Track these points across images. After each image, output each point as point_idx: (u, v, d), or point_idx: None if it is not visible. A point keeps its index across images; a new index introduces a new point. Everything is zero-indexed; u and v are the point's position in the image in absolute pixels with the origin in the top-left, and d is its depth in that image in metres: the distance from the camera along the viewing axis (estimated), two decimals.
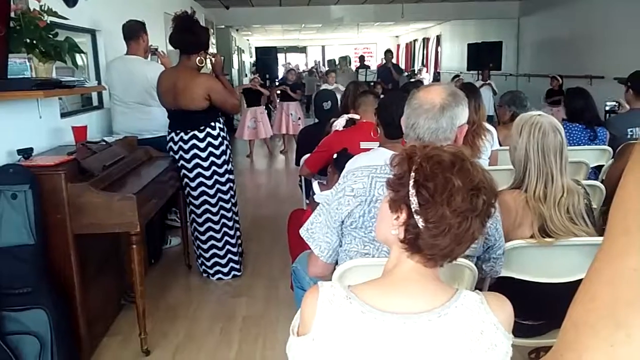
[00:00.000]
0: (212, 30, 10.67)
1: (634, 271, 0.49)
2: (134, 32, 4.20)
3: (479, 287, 1.76)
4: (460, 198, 1.11)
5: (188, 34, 3.53)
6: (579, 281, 0.54)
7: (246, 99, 9.02)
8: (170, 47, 4.00)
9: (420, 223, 1.13)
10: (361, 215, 1.61)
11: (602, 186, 2.75)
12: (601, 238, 0.54)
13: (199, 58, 3.58)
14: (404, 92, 2.82)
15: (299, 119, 9.30)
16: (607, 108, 5.21)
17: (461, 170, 1.13)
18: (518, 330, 1.56)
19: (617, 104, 4.93)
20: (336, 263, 1.74)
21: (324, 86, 9.39)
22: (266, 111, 9.36)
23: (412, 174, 1.15)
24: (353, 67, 15.14)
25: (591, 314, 0.51)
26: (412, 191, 1.14)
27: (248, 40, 21.35)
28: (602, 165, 3.57)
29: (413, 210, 1.14)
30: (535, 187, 2.01)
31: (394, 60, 12.77)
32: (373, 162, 1.67)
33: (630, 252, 0.49)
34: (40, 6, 2.85)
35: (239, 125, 9.13)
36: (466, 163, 1.16)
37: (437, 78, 15.38)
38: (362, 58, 13.65)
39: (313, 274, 1.83)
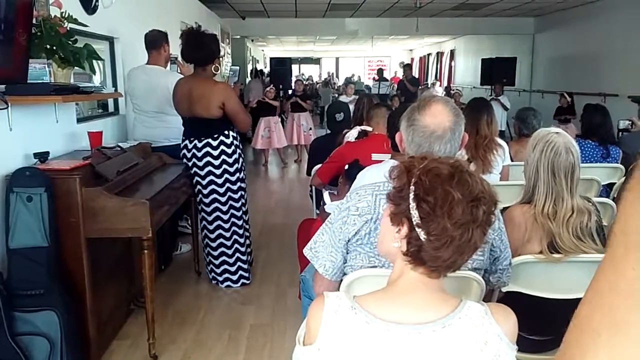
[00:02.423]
0: (227, 40, 10.78)
1: (632, 270, 0.50)
2: (156, 41, 4.23)
3: (486, 300, 1.76)
4: (460, 210, 1.11)
5: (198, 49, 3.56)
6: None
7: (261, 109, 9.10)
8: None
9: (422, 236, 1.13)
10: (367, 233, 1.61)
11: (614, 204, 2.74)
12: None
13: (214, 66, 3.64)
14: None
15: (310, 129, 9.31)
16: (621, 126, 5.19)
17: (460, 182, 1.14)
18: (524, 346, 1.56)
19: (630, 123, 4.92)
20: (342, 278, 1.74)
21: (341, 98, 9.38)
22: (279, 121, 9.41)
23: (412, 187, 1.15)
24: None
25: (593, 319, 0.52)
26: (412, 204, 1.15)
27: (263, 50, 21.48)
28: (614, 183, 3.55)
29: (414, 223, 1.14)
30: (543, 204, 2.01)
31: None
32: (381, 175, 1.68)
33: (629, 254, 0.50)
34: (61, 13, 2.91)
35: (254, 134, 9.22)
36: (464, 174, 1.16)
37: (449, 93, 15.41)
38: (380, 71, 13.67)
39: (318, 292, 1.83)
